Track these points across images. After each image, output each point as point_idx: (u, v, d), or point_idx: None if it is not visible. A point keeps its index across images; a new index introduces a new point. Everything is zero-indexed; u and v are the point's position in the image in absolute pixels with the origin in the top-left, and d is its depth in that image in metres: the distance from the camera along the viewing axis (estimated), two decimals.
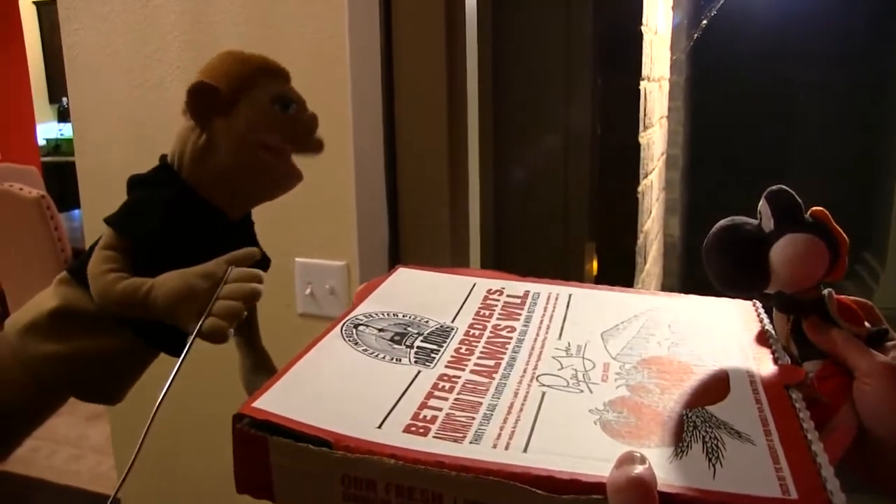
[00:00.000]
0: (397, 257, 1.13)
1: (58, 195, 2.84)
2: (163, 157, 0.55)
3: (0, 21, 4.81)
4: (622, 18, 1.47)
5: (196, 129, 0.52)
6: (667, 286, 2.87)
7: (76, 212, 3.25)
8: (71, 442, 2.84)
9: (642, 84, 1.59)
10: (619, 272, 1.52)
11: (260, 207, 0.58)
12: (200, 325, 0.48)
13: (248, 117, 0.52)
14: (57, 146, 5.45)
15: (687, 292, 0.56)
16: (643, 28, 1.59)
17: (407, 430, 0.36)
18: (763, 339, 0.48)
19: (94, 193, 1.34)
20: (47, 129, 5.57)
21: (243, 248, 0.53)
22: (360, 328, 0.48)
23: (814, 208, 0.45)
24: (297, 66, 1.15)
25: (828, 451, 0.35)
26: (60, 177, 4.68)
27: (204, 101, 0.51)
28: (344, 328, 0.47)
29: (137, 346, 0.52)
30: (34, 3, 5.34)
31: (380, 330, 0.48)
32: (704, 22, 2.46)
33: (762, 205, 0.45)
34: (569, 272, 1.35)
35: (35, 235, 2.66)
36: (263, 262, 0.59)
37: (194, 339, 0.48)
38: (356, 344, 0.46)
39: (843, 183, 3.75)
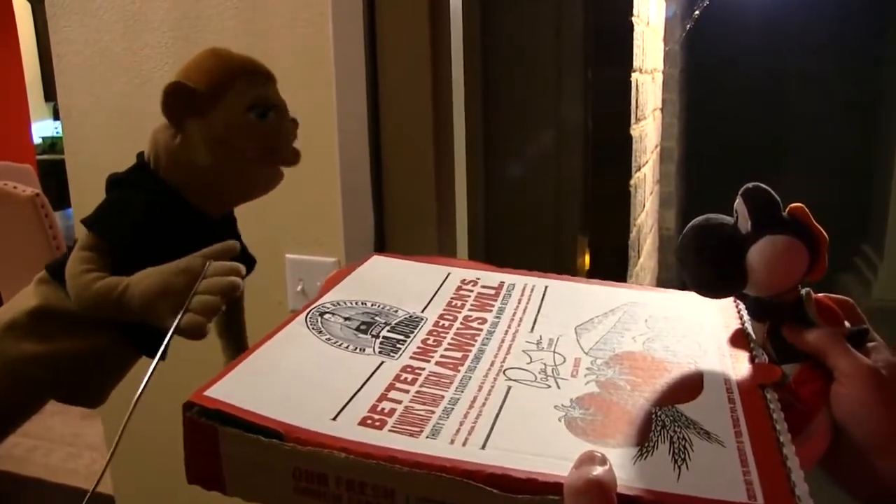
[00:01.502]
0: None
1: (54, 193, 2.83)
2: (140, 155, 0.54)
3: None
4: (613, 9, 1.45)
5: (171, 129, 0.51)
6: (662, 279, 2.87)
7: (71, 210, 3.23)
8: (67, 440, 2.84)
9: (634, 76, 1.58)
10: (612, 267, 1.51)
11: (250, 204, 0.57)
12: (178, 322, 0.47)
13: (223, 122, 0.51)
14: (53, 144, 5.43)
15: (683, 286, 0.53)
16: (634, 19, 1.58)
17: (362, 422, 0.35)
18: (741, 337, 0.46)
19: (84, 191, 1.33)
20: (43, 128, 5.55)
21: (221, 242, 0.52)
22: (326, 316, 0.46)
23: (792, 205, 0.43)
24: (286, 62, 1.15)
25: (803, 458, 0.34)
26: (56, 175, 4.63)
27: (180, 102, 0.50)
28: (309, 316, 0.46)
29: (118, 347, 0.52)
30: (29, 1, 5.31)
31: (346, 318, 0.46)
32: (697, 13, 2.44)
33: (738, 203, 0.43)
34: (560, 267, 1.34)
35: (30, 234, 2.65)
36: (248, 261, 0.58)
37: (172, 335, 0.47)
38: (320, 332, 0.44)
39: (840, 175, 3.74)
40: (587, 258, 1.42)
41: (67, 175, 1.34)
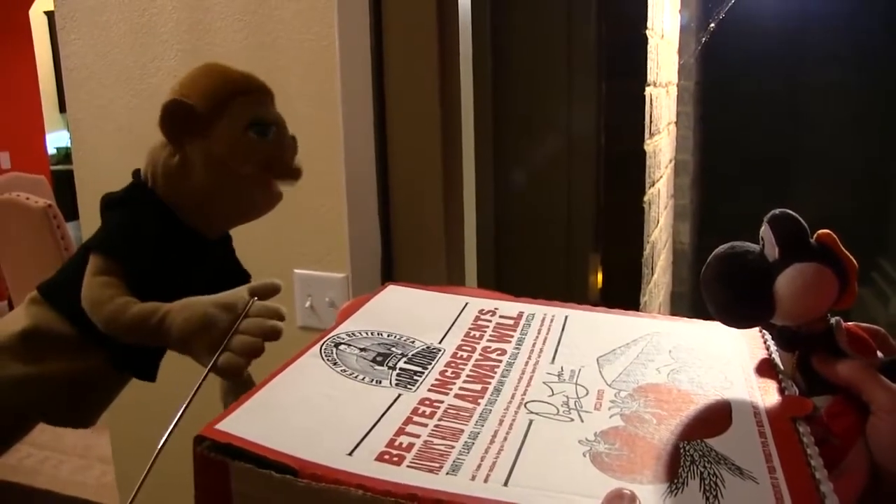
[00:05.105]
0: (391, 270, 1.11)
1: (68, 204, 2.84)
2: (136, 174, 0.53)
3: (10, 31, 4.85)
4: (626, 22, 1.43)
5: (169, 147, 0.50)
6: (677, 294, 2.84)
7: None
8: (77, 452, 2.84)
9: (648, 90, 1.56)
10: (626, 284, 1.49)
11: (258, 219, 0.56)
12: (216, 360, 0.46)
13: (223, 142, 0.50)
14: (67, 155, 5.47)
15: (698, 299, 0.53)
16: (648, 31, 1.56)
17: (380, 458, 0.34)
18: (768, 367, 0.45)
19: (92, 202, 1.32)
20: (57, 138, 5.60)
21: (268, 280, 0.51)
22: (341, 347, 0.46)
23: (820, 232, 0.42)
24: (293, 75, 1.13)
25: (839, 496, 0.32)
26: (70, 186, 4.67)
27: (179, 120, 0.49)
28: (323, 347, 0.45)
29: (108, 370, 0.51)
30: (45, 13, 5.37)
31: (362, 349, 0.46)
32: (712, 24, 2.42)
33: (765, 230, 0.42)
34: (572, 285, 1.32)
35: (42, 245, 2.66)
36: (243, 280, 0.57)
37: (208, 373, 0.46)
38: (335, 364, 0.43)
39: (858, 187, 3.70)
40: (599, 276, 1.40)
41: (76, 186, 1.33)
